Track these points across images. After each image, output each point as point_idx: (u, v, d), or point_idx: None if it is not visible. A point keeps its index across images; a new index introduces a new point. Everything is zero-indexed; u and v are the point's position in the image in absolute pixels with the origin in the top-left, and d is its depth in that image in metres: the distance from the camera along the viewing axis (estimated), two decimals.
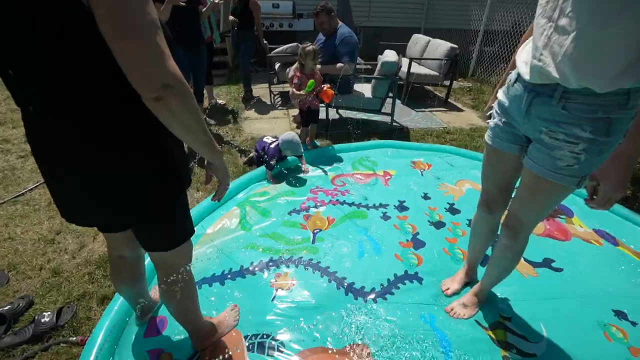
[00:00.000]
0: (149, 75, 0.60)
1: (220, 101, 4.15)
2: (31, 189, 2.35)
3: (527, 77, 0.94)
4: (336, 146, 3.02)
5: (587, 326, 1.42)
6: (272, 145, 2.51)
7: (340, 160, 2.81)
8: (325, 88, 2.68)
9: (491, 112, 1.15)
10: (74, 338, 1.34)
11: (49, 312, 1.41)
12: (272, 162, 2.43)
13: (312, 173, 2.60)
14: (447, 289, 1.57)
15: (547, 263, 1.77)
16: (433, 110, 4.38)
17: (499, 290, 1.55)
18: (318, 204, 2.19)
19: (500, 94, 1.08)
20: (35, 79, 0.64)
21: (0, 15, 0.57)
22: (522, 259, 1.73)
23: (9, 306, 1.45)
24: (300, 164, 2.66)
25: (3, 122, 3.43)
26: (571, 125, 0.86)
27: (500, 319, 1.44)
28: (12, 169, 2.60)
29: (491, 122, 1.13)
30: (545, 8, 0.86)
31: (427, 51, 4.83)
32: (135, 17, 0.57)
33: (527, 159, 1.01)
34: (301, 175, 2.58)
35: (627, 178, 0.78)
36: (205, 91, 3.72)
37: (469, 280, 1.60)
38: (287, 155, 2.53)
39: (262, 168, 2.53)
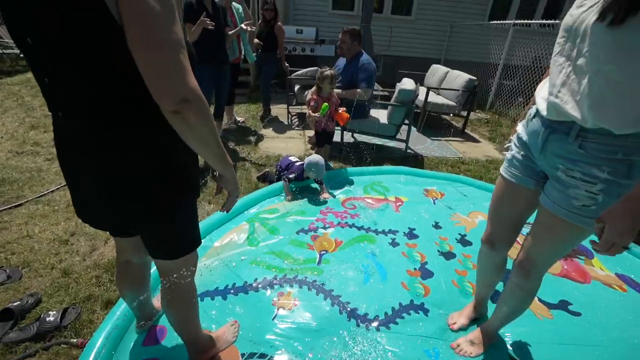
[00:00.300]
0: (170, 89, 0.63)
1: (239, 119, 4.29)
2: (53, 190, 2.45)
3: (544, 112, 0.94)
4: (349, 169, 3.03)
5: None
6: (297, 164, 2.56)
7: (352, 183, 2.81)
8: (340, 111, 2.74)
9: (509, 144, 1.14)
10: (75, 340, 1.35)
11: (55, 312, 1.44)
12: (290, 176, 2.46)
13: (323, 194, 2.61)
14: (454, 323, 1.50)
15: (563, 305, 1.67)
16: (449, 140, 4.37)
17: (510, 330, 1.48)
18: (327, 225, 2.18)
19: (520, 127, 1.07)
20: (42, 79, 0.68)
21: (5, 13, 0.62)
22: (536, 299, 1.66)
23: (18, 302, 1.48)
24: (318, 188, 2.66)
25: (37, 126, 3.64)
26: (588, 164, 0.84)
27: None
28: (39, 170, 2.73)
29: (508, 155, 1.12)
30: (564, 47, 0.87)
31: (446, 81, 4.90)
32: (162, 35, 0.61)
33: (542, 195, 0.99)
34: (312, 196, 2.58)
35: (636, 224, 0.70)
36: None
37: (478, 316, 1.54)
38: (310, 176, 2.54)
39: (275, 185, 2.56)
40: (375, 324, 1.48)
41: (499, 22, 5.91)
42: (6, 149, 3.03)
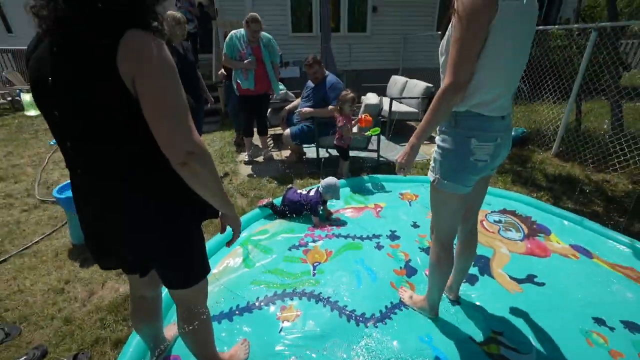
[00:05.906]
0: (178, 145, 0.73)
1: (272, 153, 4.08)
2: (37, 241, 2.43)
3: None
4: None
5: (571, 334, 1.54)
6: (311, 193, 2.52)
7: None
8: (363, 117, 3.00)
9: None
10: None
11: None
12: (319, 208, 2.46)
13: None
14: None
15: (530, 279, 1.91)
16: None
17: (489, 307, 1.68)
18: (316, 239, 2.30)
19: None
20: (64, 143, 0.82)
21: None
22: (507, 276, 1.89)
23: (24, 357, 1.49)
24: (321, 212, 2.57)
25: (5, 177, 3.53)
26: None
27: (492, 334, 1.55)
28: (17, 222, 2.68)
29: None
30: None
31: (406, 90, 5.26)
32: (172, 102, 0.74)
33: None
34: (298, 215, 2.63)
35: (407, 153, 1.28)
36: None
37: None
38: (327, 199, 2.53)
39: (257, 210, 2.63)
40: (372, 322, 1.62)
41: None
42: None
